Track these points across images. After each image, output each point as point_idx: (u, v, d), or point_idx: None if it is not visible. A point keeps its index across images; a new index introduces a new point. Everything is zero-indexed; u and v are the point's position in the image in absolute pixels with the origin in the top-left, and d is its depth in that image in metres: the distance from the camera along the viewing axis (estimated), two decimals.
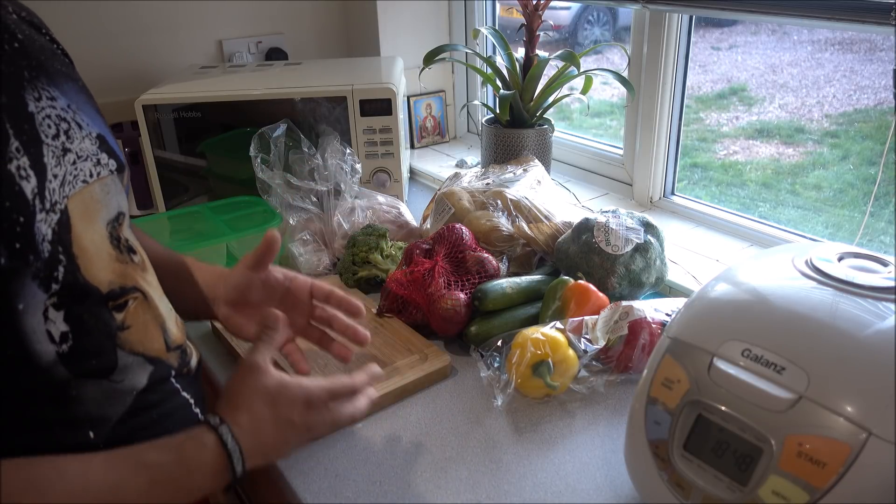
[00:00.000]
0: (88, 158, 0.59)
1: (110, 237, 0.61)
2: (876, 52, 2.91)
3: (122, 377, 0.60)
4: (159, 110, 1.29)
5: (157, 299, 0.66)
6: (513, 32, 1.46)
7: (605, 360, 0.87)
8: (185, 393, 0.67)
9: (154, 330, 0.64)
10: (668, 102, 1.31)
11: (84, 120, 0.61)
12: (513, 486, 0.73)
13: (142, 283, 0.64)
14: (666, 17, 1.25)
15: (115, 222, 0.62)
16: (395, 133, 1.32)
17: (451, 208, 1.14)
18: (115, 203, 0.63)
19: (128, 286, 0.61)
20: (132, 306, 0.62)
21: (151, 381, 0.62)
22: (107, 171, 0.62)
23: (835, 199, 2.38)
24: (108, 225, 0.61)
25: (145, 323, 0.63)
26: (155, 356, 0.63)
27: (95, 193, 0.59)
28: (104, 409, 0.58)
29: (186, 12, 1.58)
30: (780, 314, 0.61)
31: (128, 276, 0.62)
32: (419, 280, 0.97)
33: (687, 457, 0.61)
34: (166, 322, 0.66)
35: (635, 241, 0.99)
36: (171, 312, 0.69)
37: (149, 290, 0.65)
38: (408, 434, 0.81)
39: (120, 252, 0.62)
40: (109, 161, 0.62)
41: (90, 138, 0.61)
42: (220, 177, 1.38)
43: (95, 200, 0.59)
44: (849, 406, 0.53)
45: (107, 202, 0.61)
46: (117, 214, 0.63)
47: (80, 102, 0.62)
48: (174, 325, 0.68)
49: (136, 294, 0.62)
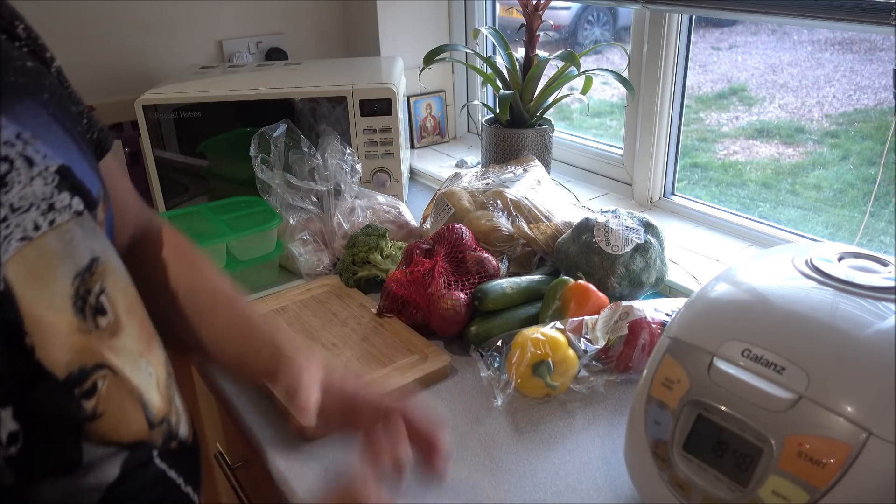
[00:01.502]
0: (34, 207, 0.48)
1: (75, 297, 0.50)
2: (876, 52, 2.91)
3: (87, 472, 0.50)
4: (159, 110, 1.29)
5: (130, 371, 0.54)
6: (513, 32, 1.46)
7: (605, 360, 0.87)
8: (172, 472, 0.57)
9: (132, 409, 0.53)
10: (668, 102, 1.31)
11: (39, 151, 0.49)
12: (513, 486, 0.73)
13: (109, 356, 0.52)
14: (666, 17, 1.25)
15: (87, 273, 0.51)
16: (395, 133, 1.32)
17: (451, 208, 1.14)
18: (85, 250, 0.51)
19: (88, 366, 0.50)
20: (102, 388, 0.51)
21: (126, 469, 0.52)
22: (67, 216, 0.50)
23: (835, 199, 2.38)
24: (76, 279, 0.50)
25: (120, 404, 0.52)
26: (133, 441, 0.53)
27: (48, 247, 0.48)
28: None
29: (186, 12, 1.58)
30: (780, 314, 0.61)
31: (90, 350, 0.50)
32: (419, 280, 0.97)
33: (687, 457, 0.61)
34: (145, 394, 0.55)
35: (635, 241, 0.99)
36: (152, 377, 0.56)
37: (117, 363, 0.53)
38: None
39: (84, 318, 0.50)
40: (73, 200, 0.51)
41: (44, 176, 0.49)
42: (220, 177, 1.38)
43: (49, 256, 0.48)
44: (849, 406, 0.53)
45: (70, 253, 0.50)
46: (90, 263, 0.52)
47: (38, 126, 0.51)
48: (156, 392, 0.56)
49: (104, 371, 0.51)
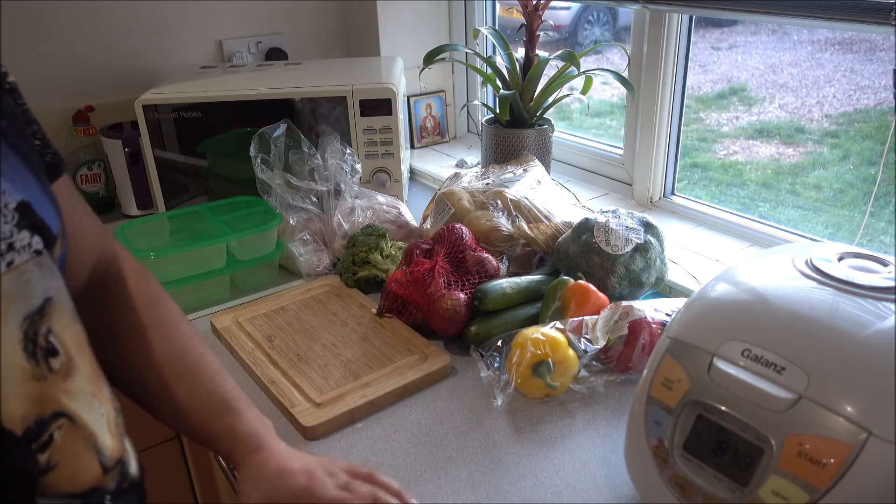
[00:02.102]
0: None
1: (24, 340, 0.47)
2: (876, 52, 2.91)
3: None
4: (159, 110, 1.29)
5: (85, 414, 0.51)
6: (513, 32, 1.46)
7: (605, 360, 0.87)
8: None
9: (87, 457, 0.51)
10: (668, 102, 1.31)
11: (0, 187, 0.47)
12: (513, 486, 0.73)
13: (65, 402, 0.49)
14: (666, 17, 1.25)
15: (37, 315, 0.49)
16: (395, 133, 1.32)
17: (451, 208, 1.14)
18: (38, 291, 0.49)
19: (46, 415, 0.48)
20: (58, 438, 0.48)
21: None
22: (26, 255, 0.48)
23: (835, 199, 2.38)
24: (25, 321, 0.48)
25: (75, 453, 0.50)
26: (87, 489, 0.51)
27: (3, 290, 0.46)
28: None
29: (186, 12, 1.58)
30: (780, 314, 0.61)
31: (46, 398, 0.48)
32: (419, 280, 0.97)
33: (687, 457, 0.61)
34: (99, 437, 0.52)
35: (635, 241, 0.99)
36: (103, 418, 0.54)
37: (73, 408, 0.50)
38: (408, 434, 0.81)
39: (36, 363, 0.48)
40: (32, 239, 0.49)
41: (4, 215, 0.47)
42: (220, 177, 1.38)
43: (3, 299, 0.46)
44: (849, 406, 0.53)
45: (23, 294, 0.48)
46: (42, 304, 0.49)
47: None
48: (107, 434, 0.54)
49: (61, 420, 0.49)
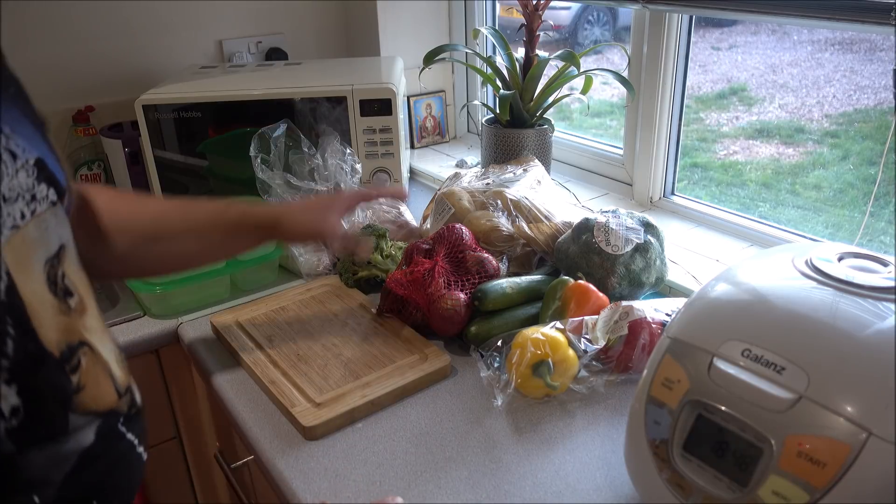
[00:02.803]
0: (20, 197, 0.51)
1: (48, 281, 0.54)
2: (876, 52, 2.91)
3: (69, 439, 0.55)
4: (159, 110, 1.29)
5: (101, 346, 0.60)
6: (513, 32, 1.46)
7: (605, 360, 0.87)
8: (129, 434, 0.63)
9: (105, 382, 0.59)
10: (668, 102, 1.31)
11: (19, 145, 0.53)
12: (513, 486, 0.73)
13: (85, 334, 0.57)
14: (666, 17, 1.25)
15: (55, 259, 0.55)
16: (395, 133, 1.32)
17: (451, 208, 1.14)
18: (55, 238, 0.56)
19: (74, 342, 0.55)
20: (84, 363, 0.56)
21: (99, 435, 0.58)
22: (45, 206, 0.54)
23: (835, 199, 2.37)
24: (46, 265, 0.54)
25: (97, 377, 0.58)
26: (106, 409, 0.59)
27: (29, 235, 0.52)
28: (48, 473, 0.54)
29: (187, 12, 1.58)
30: (780, 314, 0.61)
31: (72, 329, 0.56)
32: (419, 280, 0.97)
33: (687, 457, 0.61)
34: (112, 367, 0.61)
35: (635, 241, 0.99)
36: (112, 353, 0.62)
37: (92, 340, 0.58)
38: (408, 434, 0.81)
39: (59, 299, 0.55)
40: (49, 192, 0.55)
41: (26, 168, 0.53)
42: (220, 177, 1.38)
43: (29, 244, 0.52)
44: (849, 406, 0.53)
45: (45, 240, 0.54)
46: (58, 250, 0.56)
47: (13, 121, 0.54)
48: (118, 366, 0.63)
49: (84, 349, 0.57)
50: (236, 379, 0.92)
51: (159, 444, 1.18)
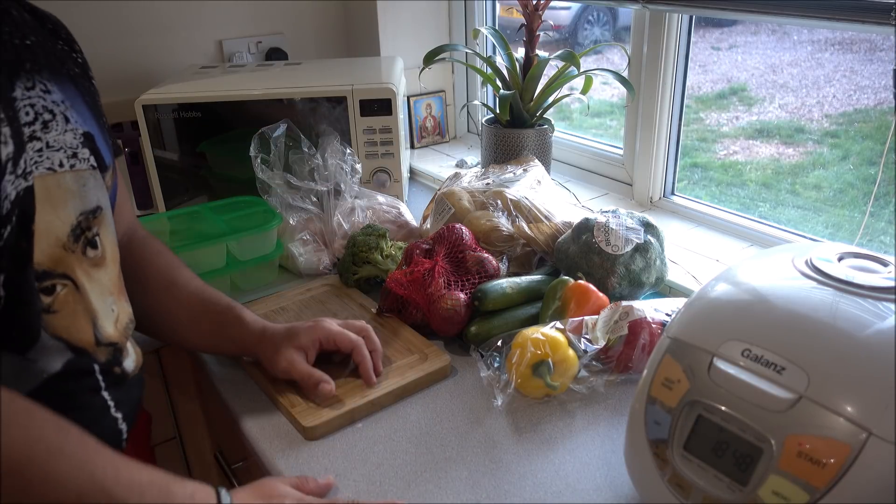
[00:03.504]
0: (62, 150, 0.63)
1: (75, 226, 0.64)
2: (876, 52, 2.91)
3: (37, 356, 0.61)
4: (159, 110, 1.29)
5: (92, 295, 0.66)
6: (513, 32, 1.46)
7: (605, 360, 0.87)
8: (105, 393, 0.66)
9: (83, 321, 0.65)
10: (668, 102, 1.31)
11: (74, 117, 0.66)
12: (513, 486, 0.73)
13: (79, 275, 0.64)
14: (666, 17, 1.25)
15: (91, 215, 0.66)
16: (395, 133, 1.32)
17: (451, 208, 1.14)
18: (93, 197, 0.66)
19: (56, 271, 0.62)
20: (61, 293, 0.63)
21: (68, 368, 0.63)
22: (85, 166, 0.66)
23: (835, 199, 2.38)
24: (81, 215, 0.64)
25: (74, 312, 0.64)
26: (79, 346, 0.64)
27: (66, 182, 0.63)
28: (10, 384, 0.56)
29: (186, 12, 1.58)
30: (780, 314, 0.61)
31: (62, 262, 0.63)
32: (419, 280, 0.97)
33: (687, 457, 0.61)
34: (100, 319, 0.67)
35: (635, 241, 0.99)
36: (113, 314, 0.69)
37: (85, 284, 0.65)
38: (408, 434, 0.81)
39: (75, 241, 0.64)
40: (91, 157, 0.66)
41: (74, 133, 0.65)
42: (220, 177, 1.38)
43: (65, 189, 0.63)
44: (849, 406, 0.53)
45: (83, 194, 0.65)
46: (95, 208, 0.66)
47: (76, 103, 0.67)
48: (111, 325, 0.68)
49: (66, 282, 0.63)
50: (236, 379, 0.92)
51: (159, 444, 1.18)
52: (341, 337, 0.86)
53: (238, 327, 0.87)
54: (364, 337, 0.88)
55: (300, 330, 0.86)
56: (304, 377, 0.83)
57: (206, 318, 0.87)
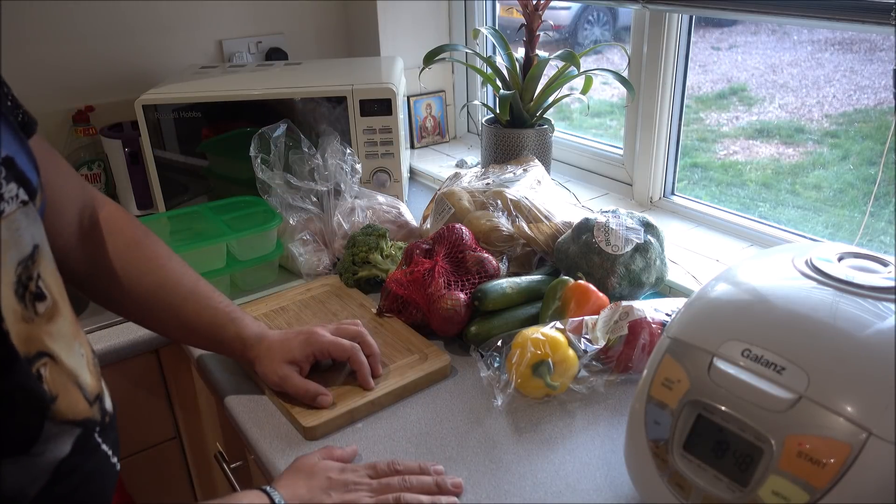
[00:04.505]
0: None
1: (17, 285, 0.52)
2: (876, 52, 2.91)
3: (43, 449, 0.53)
4: (159, 110, 1.29)
5: (66, 356, 0.57)
6: (513, 32, 1.46)
7: (605, 360, 0.87)
8: (104, 445, 0.62)
9: (74, 391, 0.57)
10: (668, 102, 1.31)
11: None
12: (513, 486, 0.73)
13: (48, 343, 0.55)
14: (666, 17, 1.25)
15: (29, 261, 0.53)
16: (395, 133, 1.32)
17: (451, 208, 1.14)
18: (27, 238, 0.54)
19: (31, 353, 0.52)
20: (46, 375, 0.54)
21: (76, 445, 0.56)
22: (14, 206, 0.52)
23: (835, 199, 2.37)
24: (20, 266, 0.52)
25: (65, 387, 0.56)
26: (82, 418, 0.58)
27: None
28: (22, 487, 0.52)
29: (187, 12, 1.58)
30: (780, 314, 0.61)
31: (31, 338, 0.53)
32: (419, 280, 0.97)
33: (687, 457, 0.61)
34: (80, 376, 0.58)
35: (635, 241, 0.99)
36: (83, 358, 0.60)
37: (55, 349, 0.55)
38: (408, 434, 0.81)
39: (25, 306, 0.52)
40: (19, 191, 0.53)
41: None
42: (220, 177, 1.38)
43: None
44: (849, 406, 0.53)
45: (17, 240, 0.52)
46: (32, 251, 0.54)
47: None
48: (87, 372, 0.60)
49: (44, 360, 0.54)
50: (236, 379, 0.92)
51: (159, 444, 1.18)
52: (335, 347, 0.85)
53: (230, 332, 0.85)
54: (360, 342, 0.87)
55: (293, 344, 0.84)
56: (300, 393, 0.82)
57: (199, 320, 0.84)
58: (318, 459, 0.72)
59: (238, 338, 0.84)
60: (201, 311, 0.83)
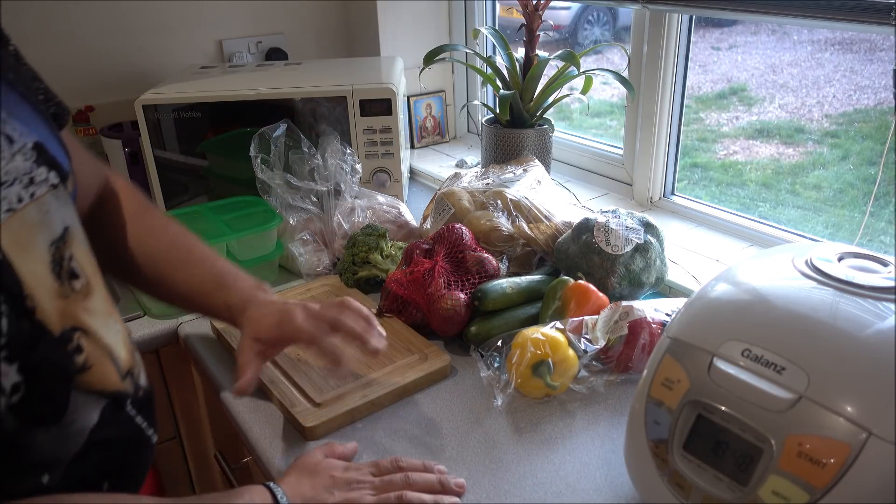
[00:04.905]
0: (17, 181, 0.52)
1: (52, 263, 0.55)
2: (876, 52, 2.91)
3: (73, 418, 0.55)
4: (159, 110, 1.29)
5: (102, 330, 0.60)
6: (513, 32, 1.46)
7: (605, 360, 0.87)
8: (139, 418, 0.64)
9: (108, 364, 0.60)
10: (668, 102, 1.31)
11: (16, 129, 0.54)
12: (513, 486, 0.73)
13: (84, 318, 0.58)
14: (666, 17, 1.25)
15: (60, 242, 0.56)
16: (395, 133, 1.32)
17: (451, 208, 1.14)
18: (58, 220, 0.56)
19: (67, 327, 0.55)
20: (86, 346, 0.57)
21: (104, 415, 0.58)
22: (45, 188, 0.55)
23: (835, 199, 2.38)
24: (52, 246, 0.55)
25: (100, 360, 0.59)
26: (112, 390, 0.60)
27: (29, 218, 0.53)
28: (55, 453, 0.54)
29: (187, 12, 1.58)
30: (780, 314, 0.61)
31: (68, 313, 0.56)
32: (419, 280, 0.97)
33: (687, 457, 0.61)
34: (114, 350, 0.61)
35: (635, 241, 0.99)
36: (119, 336, 0.63)
37: (91, 324, 0.58)
38: (408, 434, 0.81)
39: (61, 282, 0.55)
40: (49, 174, 0.56)
41: (23, 153, 0.54)
42: (220, 177, 1.38)
43: (30, 225, 0.53)
44: (849, 406, 0.53)
45: (48, 222, 0.55)
46: (63, 232, 0.57)
47: (11, 105, 0.56)
48: (123, 349, 0.63)
49: (78, 333, 0.57)
50: (236, 378, 0.92)
51: (159, 444, 1.18)
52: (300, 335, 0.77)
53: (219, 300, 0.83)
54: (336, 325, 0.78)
55: (265, 324, 0.79)
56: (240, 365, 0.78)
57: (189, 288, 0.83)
58: (322, 457, 0.73)
59: (226, 306, 0.82)
60: (189, 279, 0.82)
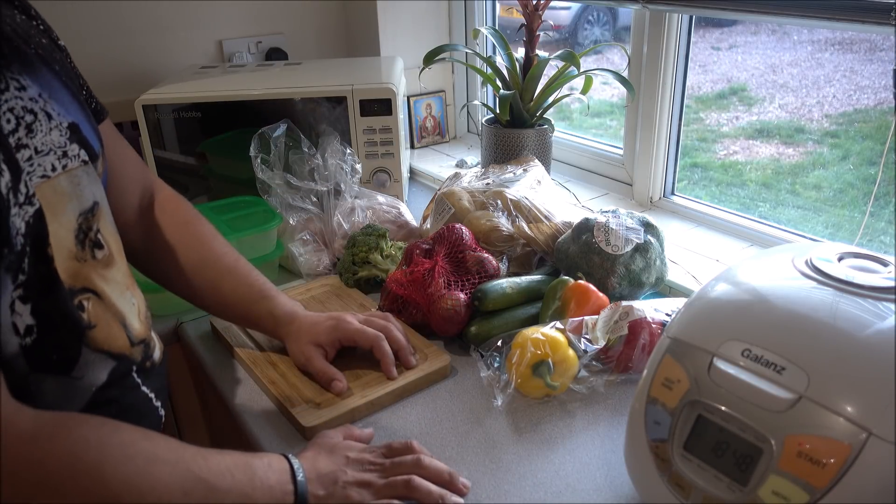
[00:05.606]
0: (52, 152, 0.59)
1: (77, 231, 0.61)
2: (876, 52, 2.91)
3: (83, 373, 0.60)
4: (159, 110, 1.29)
5: (115, 298, 0.65)
6: (513, 32, 1.46)
7: (605, 360, 0.87)
8: (145, 387, 0.68)
9: (116, 328, 0.65)
10: (668, 102, 1.31)
11: (55, 109, 0.60)
12: (513, 486, 0.73)
13: (97, 283, 0.63)
14: (666, 17, 1.25)
15: (90, 213, 0.63)
16: (395, 133, 1.32)
17: (451, 208, 1.14)
18: (89, 194, 0.63)
19: (76, 287, 0.60)
20: (89, 306, 0.62)
21: (112, 377, 0.63)
22: (77, 163, 0.61)
23: (835, 199, 2.38)
24: (80, 217, 0.61)
25: (107, 322, 0.64)
26: (119, 352, 0.65)
27: (61, 186, 0.59)
28: (62, 405, 0.58)
29: (187, 12, 1.58)
30: (780, 314, 0.61)
31: (80, 275, 0.61)
32: (419, 280, 0.97)
33: (687, 457, 0.61)
34: (127, 318, 0.67)
35: (635, 241, 0.99)
36: (134, 307, 0.69)
37: (105, 289, 0.64)
38: (408, 434, 0.81)
39: (81, 248, 0.61)
40: (80, 151, 0.62)
41: (60, 129, 0.60)
42: (220, 177, 1.38)
43: (61, 194, 0.59)
44: (849, 406, 0.53)
45: (78, 193, 0.61)
46: (92, 205, 0.63)
47: (53, 89, 0.61)
48: (136, 320, 0.69)
49: (87, 295, 0.62)
50: (236, 379, 0.92)
51: None
52: (360, 335, 0.88)
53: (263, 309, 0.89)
54: (386, 335, 0.89)
55: (321, 328, 0.88)
56: (319, 374, 0.86)
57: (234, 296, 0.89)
58: (340, 439, 0.75)
59: (270, 315, 0.89)
60: (237, 288, 0.88)
